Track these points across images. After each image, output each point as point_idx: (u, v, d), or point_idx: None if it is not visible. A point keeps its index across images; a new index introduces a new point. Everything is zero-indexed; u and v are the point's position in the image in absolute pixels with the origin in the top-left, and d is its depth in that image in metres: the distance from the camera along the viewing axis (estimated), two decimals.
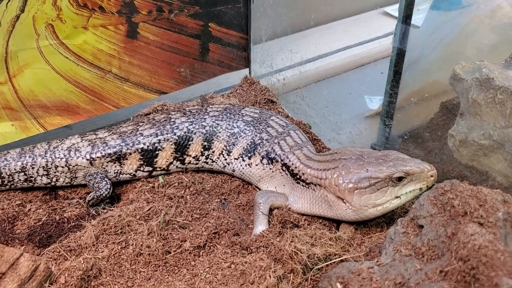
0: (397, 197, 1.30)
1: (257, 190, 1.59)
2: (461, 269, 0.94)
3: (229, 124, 1.62)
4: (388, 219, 1.41)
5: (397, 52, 1.61)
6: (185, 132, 1.60)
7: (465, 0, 1.60)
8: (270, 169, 1.53)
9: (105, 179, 1.54)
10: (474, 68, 1.35)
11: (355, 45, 2.33)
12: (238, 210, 1.53)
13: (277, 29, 2.05)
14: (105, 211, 1.49)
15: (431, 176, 1.29)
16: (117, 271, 1.27)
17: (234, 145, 1.60)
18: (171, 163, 1.60)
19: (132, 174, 1.59)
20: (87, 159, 1.54)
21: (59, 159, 1.54)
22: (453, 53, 1.56)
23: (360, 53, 2.27)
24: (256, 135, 1.58)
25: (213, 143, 1.61)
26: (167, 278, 1.26)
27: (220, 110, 1.67)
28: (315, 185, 1.39)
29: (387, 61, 1.67)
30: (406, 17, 1.59)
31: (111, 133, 1.60)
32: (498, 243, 0.95)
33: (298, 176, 1.44)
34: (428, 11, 1.66)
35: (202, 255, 1.34)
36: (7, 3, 1.52)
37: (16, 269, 1.11)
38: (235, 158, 1.60)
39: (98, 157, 1.54)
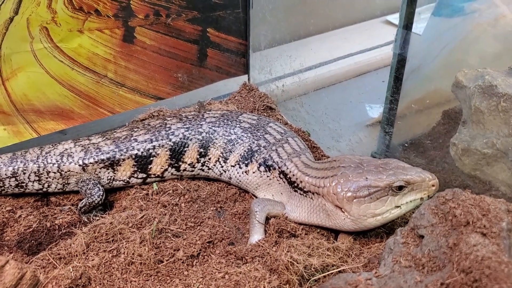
0: (397, 206, 1.27)
1: (254, 198, 1.55)
2: (463, 281, 0.91)
3: (226, 131, 1.59)
4: (388, 229, 1.38)
5: (398, 58, 1.59)
6: (180, 139, 1.56)
7: (468, 7, 1.58)
8: (268, 176, 1.49)
9: (98, 185, 1.51)
10: (477, 75, 1.33)
11: (356, 53, 2.31)
12: (234, 219, 1.50)
13: (277, 35, 2.04)
14: (97, 218, 1.45)
15: (433, 185, 1.26)
16: (107, 280, 1.23)
17: (231, 152, 1.57)
18: (166, 170, 1.57)
19: (125, 181, 1.56)
20: (79, 165, 1.51)
21: (51, 165, 1.51)
22: (455, 61, 1.54)
23: (361, 61, 2.25)
24: (253, 142, 1.55)
25: (209, 150, 1.58)
26: None
27: (217, 116, 1.64)
28: (313, 193, 1.35)
29: (389, 70, 1.65)
30: (406, 25, 1.57)
31: (104, 138, 1.57)
32: (501, 254, 0.92)
33: (295, 184, 1.40)
34: (429, 17, 1.64)
35: (195, 264, 1.31)
36: (1, 5, 1.50)
37: (1, 277, 1.09)
38: (231, 165, 1.56)
39: (91, 163, 1.51)
